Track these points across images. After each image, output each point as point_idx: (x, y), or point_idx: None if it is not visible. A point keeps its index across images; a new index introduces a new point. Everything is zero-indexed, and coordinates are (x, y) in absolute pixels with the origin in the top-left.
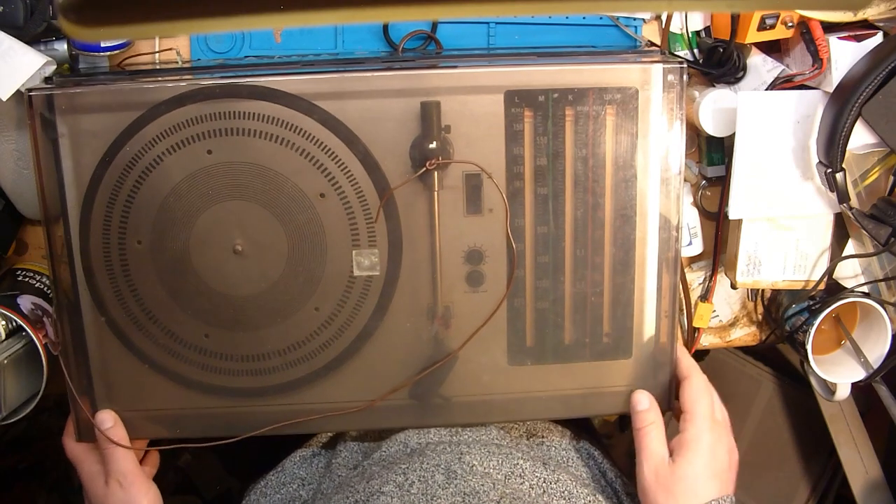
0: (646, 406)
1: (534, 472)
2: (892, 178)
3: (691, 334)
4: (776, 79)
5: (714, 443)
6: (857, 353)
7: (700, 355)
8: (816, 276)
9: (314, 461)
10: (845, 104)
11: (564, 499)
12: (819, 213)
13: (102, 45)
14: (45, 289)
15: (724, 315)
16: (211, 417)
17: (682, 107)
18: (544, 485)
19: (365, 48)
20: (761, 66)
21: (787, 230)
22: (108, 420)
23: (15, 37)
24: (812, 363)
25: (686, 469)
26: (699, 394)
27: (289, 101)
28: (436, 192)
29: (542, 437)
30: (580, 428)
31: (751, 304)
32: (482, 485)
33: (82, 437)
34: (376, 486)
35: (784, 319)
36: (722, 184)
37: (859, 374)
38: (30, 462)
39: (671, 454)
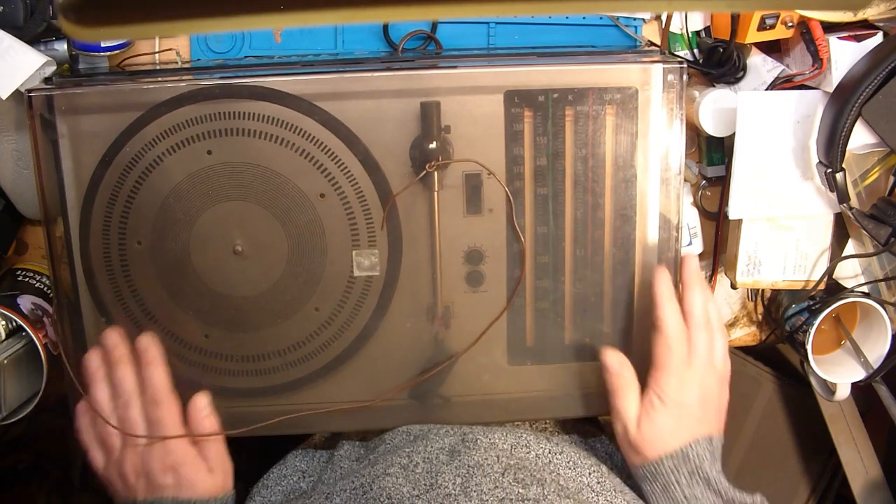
0: (617, 368)
1: (538, 443)
2: (892, 178)
3: None
4: (776, 79)
5: (681, 399)
6: (857, 353)
7: None
8: (816, 276)
9: (316, 455)
10: (845, 104)
11: (570, 468)
12: (819, 213)
13: (102, 45)
14: (45, 289)
15: (724, 315)
16: None
17: (681, 107)
18: (549, 455)
19: (365, 48)
20: (761, 66)
21: (787, 230)
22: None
23: (15, 37)
24: (812, 363)
25: (651, 430)
26: (665, 349)
27: (289, 101)
28: (436, 193)
29: (546, 423)
30: (585, 419)
31: (751, 304)
32: (486, 457)
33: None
34: (381, 469)
35: (784, 319)
36: (722, 184)
37: (859, 374)
38: (30, 462)
39: (639, 414)
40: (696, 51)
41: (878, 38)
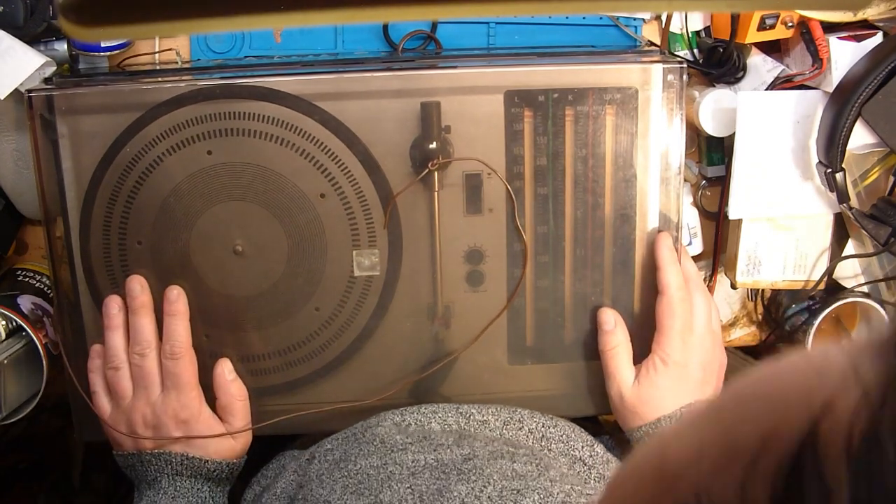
0: (611, 326)
1: (532, 418)
2: (892, 178)
3: None
4: (776, 79)
5: (684, 361)
6: None
7: None
8: (816, 276)
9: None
10: (845, 104)
11: (563, 442)
12: (819, 213)
13: (102, 45)
14: (45, 289)
15: (724, 315)
16: None
17: (681, 107)
18: (542, 429)
19: (365, 48)
20: (761, 66)
21: (787, 230)
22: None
23: (15, 37)
24: None
25: (650, 391)
26: (670, 311)
27: (289, 101)
28: (436, 193)
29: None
30: (585, 419)
31: (751, 304)
32: (478, 430)
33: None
34: (374, 421)
35: (784, 319)
36: (722, 184)
37: None
38: (30, 462)
39: (638, 375)
40: (696, 51)
41: (878, 38)
